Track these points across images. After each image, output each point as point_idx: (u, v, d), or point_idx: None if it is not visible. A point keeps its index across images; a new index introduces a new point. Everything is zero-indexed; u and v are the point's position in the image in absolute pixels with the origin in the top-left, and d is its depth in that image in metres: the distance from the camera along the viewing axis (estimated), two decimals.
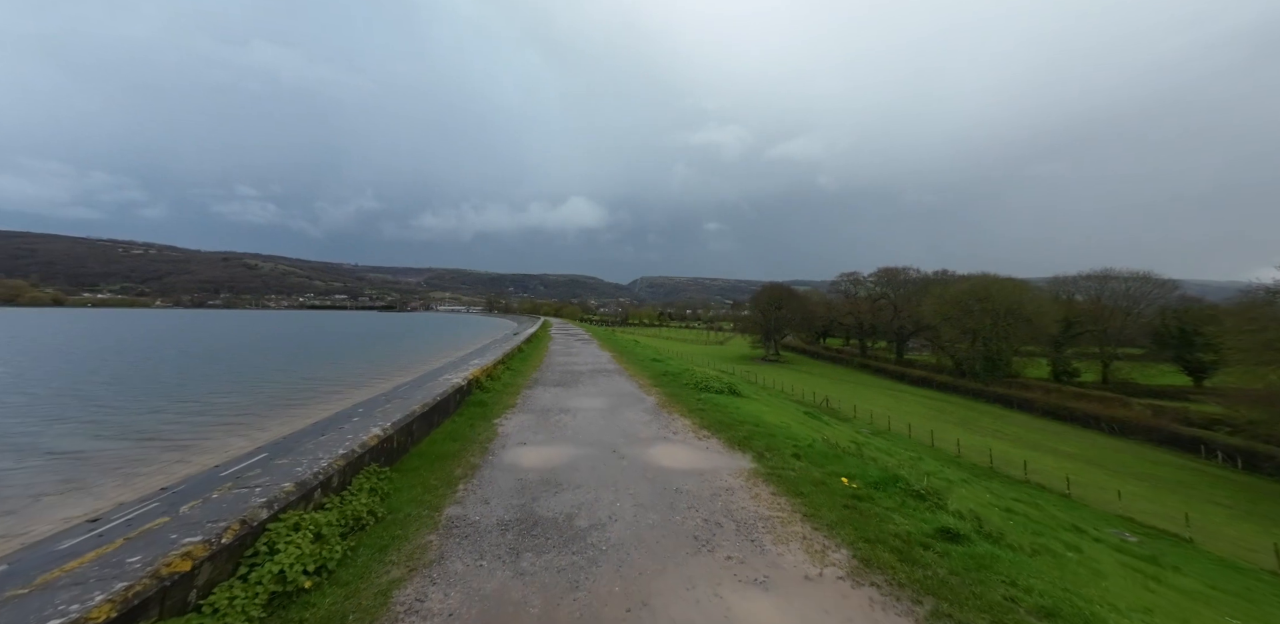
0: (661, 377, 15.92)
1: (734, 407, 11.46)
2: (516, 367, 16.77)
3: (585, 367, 18.16)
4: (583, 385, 13.70)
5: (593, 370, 17.18)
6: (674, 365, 19.53)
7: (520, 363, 18.20)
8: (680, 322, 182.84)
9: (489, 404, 10.78)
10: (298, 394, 22.53)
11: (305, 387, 23.82)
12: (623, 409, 10.74)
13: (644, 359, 22.16)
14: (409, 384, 23.67)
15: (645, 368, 18.60)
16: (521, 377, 14.82)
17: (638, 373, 17.00)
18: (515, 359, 18.79)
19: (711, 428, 8.98)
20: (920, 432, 28.28)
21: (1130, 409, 35.07)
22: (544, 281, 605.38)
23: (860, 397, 41.65)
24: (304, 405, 19.89)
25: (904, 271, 75.60)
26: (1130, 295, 48.85)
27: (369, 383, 25.46)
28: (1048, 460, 25.20)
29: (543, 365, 18.02)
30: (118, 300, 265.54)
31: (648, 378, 15.66)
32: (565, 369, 17.25)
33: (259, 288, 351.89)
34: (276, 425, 16.17)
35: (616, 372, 17.28)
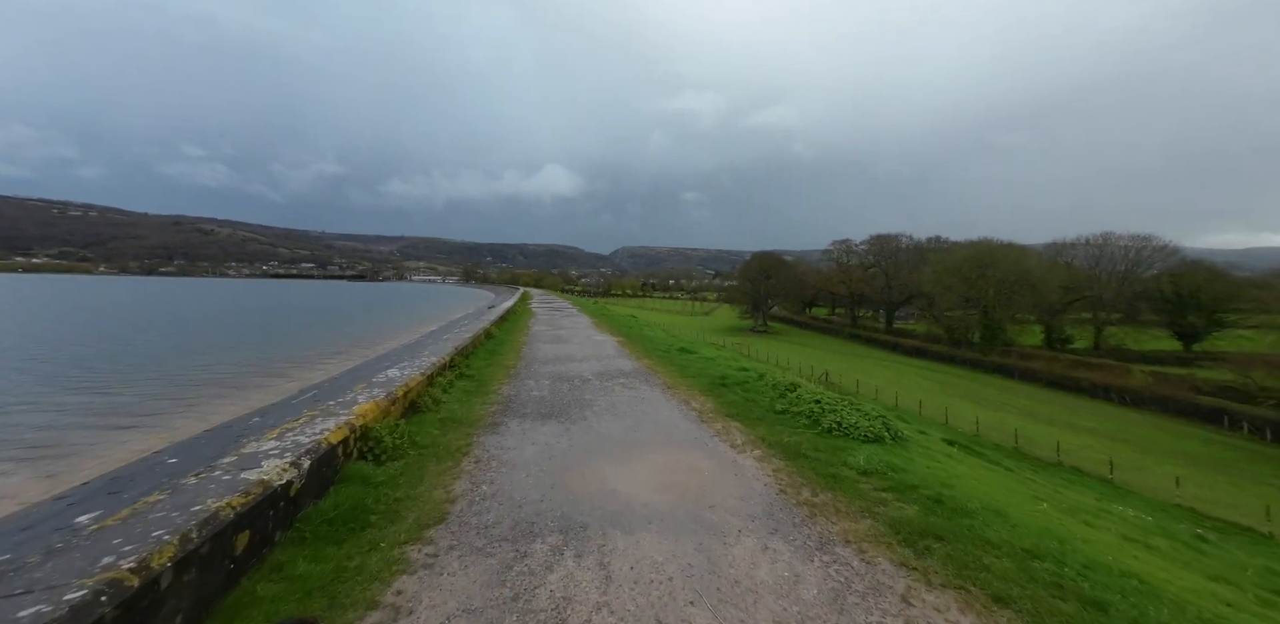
0: (720, 388, 8.77)
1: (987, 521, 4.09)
2: (478, 366, 10.13)
3: (585, 363, 11.14)
4: (594, 416, 6.71)
5: (599, 373, 10.04)
6: (725, 363, 11.56)
7: (484, 360, 11.10)
8: (663, 292, 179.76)
9: (373, 509, 3.74)
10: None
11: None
12: (728, 538, 3.55)
13: (663, 346, 14.78)
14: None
15: (679, 365, 11.24)
16: (481, 392, 7.98)
17: (675, 378, 9.76)
18: (479, 353, 11.96)
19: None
20: (930, 408, 26.14)
21: (1132, 377, 33.95)
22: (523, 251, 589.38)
23: (858, 369, 39.62)
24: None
25: (896, 239, 73.12)
26: (1130, 259, 47.40)
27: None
28: (1068, 437, 23.40)
29: (520, 364, 10.82)
30: (55, 265, 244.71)
31: (702, 392, 8.52)
32: (555, 370, 10.17)
33: (217, 255, 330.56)
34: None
35: (636, 373, 10.16)
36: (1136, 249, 47.50)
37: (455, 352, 9.69)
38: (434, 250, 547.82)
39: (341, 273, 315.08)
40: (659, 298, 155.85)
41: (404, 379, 6.53)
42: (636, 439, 5.75)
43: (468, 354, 11.06)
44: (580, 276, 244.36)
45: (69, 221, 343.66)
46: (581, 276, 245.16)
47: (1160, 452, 21.26)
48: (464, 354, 10.61)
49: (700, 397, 8.15)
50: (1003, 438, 22.18)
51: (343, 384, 14.08)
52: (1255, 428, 22.91)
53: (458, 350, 9.94)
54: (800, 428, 6.31)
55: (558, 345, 14.30)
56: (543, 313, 29.23)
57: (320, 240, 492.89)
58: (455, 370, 8.93)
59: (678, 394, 8.26)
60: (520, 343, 14.58)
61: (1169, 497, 15.66)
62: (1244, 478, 17.98)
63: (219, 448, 7.96)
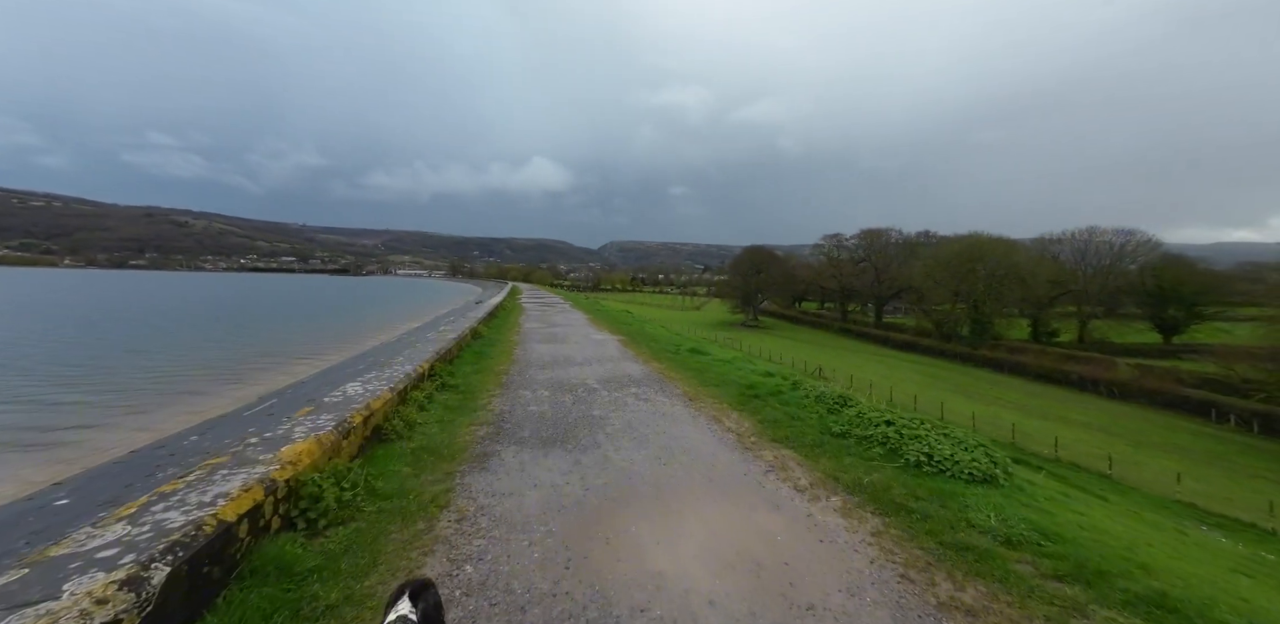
0: (751, 399, 7.40)
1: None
2: (464, 373, 8.60)
3: (588, 368, 9.63)
4: (608, 441, 5.39)
5: (606, 379, 8.56)
6: (744, 366, 10.34)
7: (472, 364, 9.58)
8: (654, 287, 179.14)
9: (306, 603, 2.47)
10: None
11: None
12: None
13: (671, 346, 13.47)
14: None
15: (695, 369, 9.78)
16: (468, 408, 6.56)
17: (694, 386, 8.34)
18: (465, 355, 10.40)
19: None
20: (925, 403, 25.93)
21: (1119, 370, 34.33)
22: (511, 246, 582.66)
23: (850, 364, 39.47)
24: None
25: (886, 233, 73.30)
26: (1114, 253, 48.03)
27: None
28: (1061, 431, 23.37)
29: (513, 370, 9.31)
30: (16, 258, 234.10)
31: (733, 405, 7.21)
32: (555, 377, 8.69)
33: (192, 247, 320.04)
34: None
35: (648, 379, 8.72)
36: (1120, 243, 48.11)
37: (436, 356, 8.22)
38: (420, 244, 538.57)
39: (324, 267, 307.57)
40: (649, 292, 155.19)
41: (366, 398, 5.04)
42: (670, 477, 4.39)
43: (452, 359, 9.59)
44: (569, 271, 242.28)
45: (31, 212, 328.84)
46: (570, 271, 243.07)
47: (1153, 445, 21.30)
48: (447, 359, 9.18)
49: (732, 412, 6.78)
50: (999, 433, 21.99)
51: (285, 405, 11.33)
52: (1243, 420, 23.14)
53: (439, 355, 8.47)
54: (876, 460, 4.88)
55: (554, 346, 12.79)
56: (534, 309, 27.52)
57: (301, 233, 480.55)
58: (436, 380, 7.58)
59: (703, 408, 6.93)
60: (512, 343, 13.08)
61: (1168, 492, 15.53)
62: (1237, 471, 18.02)
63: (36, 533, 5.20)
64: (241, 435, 3.83)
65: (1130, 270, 47.38)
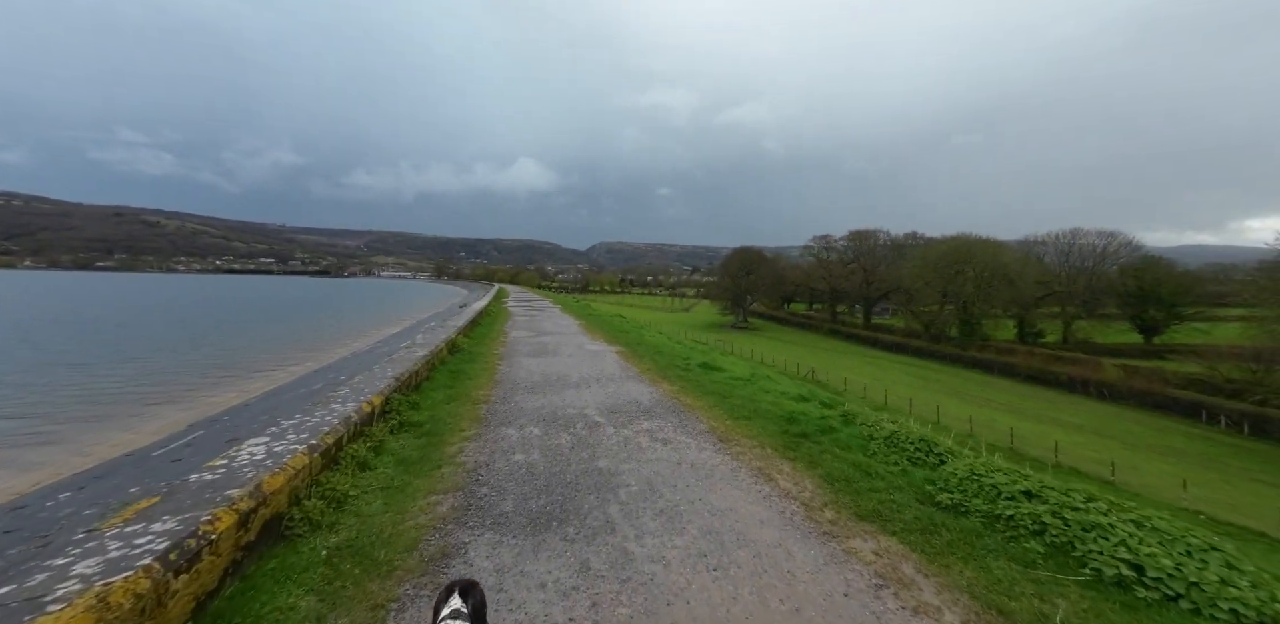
0: (799, 440, 5.65)
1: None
2: (432, 403, 6.90)
3: (586, 391, 7.84)
4: (626, 521, 3.62)
5: (610, 408, 6.88)
6: (772, 387, 8.75)
7: (444, 389, 7.77)
8: (642, 288, 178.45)
9: None
10: None
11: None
12: None
13: (678, 359, 11.33)
14: None
15: (715, 393, 7.98)
16: (428, 462, 4.78)
17: (720, 418, 6.52)
18: (438, 376, 8.69)
19: None
20: (920, 406, 25.54)
21: (1105, 371, 34.59)
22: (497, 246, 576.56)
23: (841, 365, 39.15)
24: None
25: (874, 234, 73.74)
26: (1098, 254, 48.77)
27: None
28: (1057, 434, 23.16)
29: (494, 395, 7.55)
30: None
31: (780, 451, 5.34)
32: (546, 405, 6.94)
33: (164, 248, 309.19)
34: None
35: (661, 407, 6.97)
36: (1103, 245, 48.88)
37: (396, 384, 6.48)
38: (404, 245, 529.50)
39: (304, 268, 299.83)
40: (638, 294, 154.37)
41: (261, 474, 3.20)
42: (732, 603, 2.65)
43: (419, 383, 7.76)
44: (557, 272, 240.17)
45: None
46: (559, 272, 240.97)
47: (1148, 448, 21.16)
48: (412, 385, 7.28)
49: (781, 462, 5.01)
50: (996, 437, 21.65)
51: (124, 482, 6.29)
52: (1233, 421, 23.23)
53: (400, 382, 6.71)
54: (1039, 565, 3.06)
55: (544, 360, 10.98)
56: (521, 314, 25.25)
57: (280, 234, 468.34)
58: (392, 418, 5.83)
59: (742, 455, 5.19)
60: (495, 357, 11.27)
61: (1173, 498, 15.19)
62: (1234, 474, 17.86)
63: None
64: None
65: (1111, 271, 48.17)
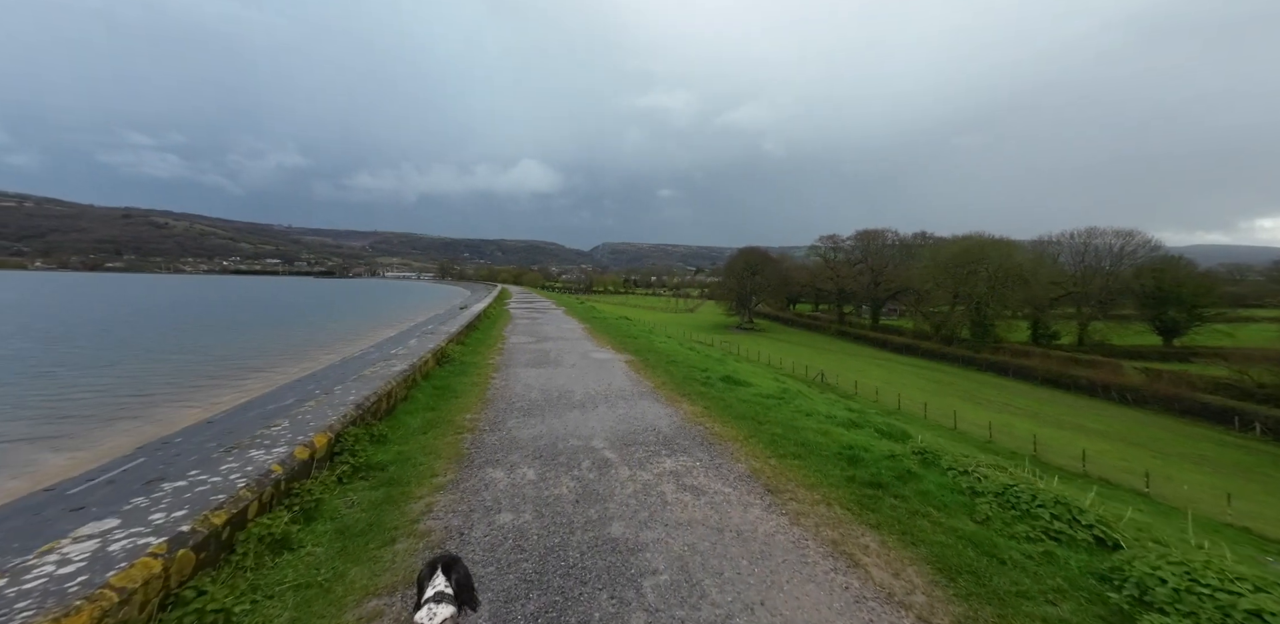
0: (873, 491, 4.34)
1: None
2: (405, 432, 5.52)
3: (593, 414, 6.59)
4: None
5: (621, 437, 5.60)
6: (812, 407, 7.58)
7: (424, 411, 6.43)
8: (646, 289, 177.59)
9: None
10: None
11: None
12: None
13: (695, 371, 10.03)
14: None
15: (747, 417, 6.66)
16: (381, 530, 3.43)
17: (762, 456, 5.17)
18: (418, 396, 7.24)
19: None
20: (935, 411, 24.61)
21: (1126, 374, 33.42)
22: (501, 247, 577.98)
23: (851, 368, 38.18)
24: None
25: (882, 234, 72.60)
26: (1115, 253, 47.48)
27: None
28: (1081, 441, 22.15)
29: (484, 419, 6.22)
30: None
31: (850, 508, 4.03)
32: (545, 434, 5.65)
33: (172, 249, 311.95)
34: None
35: (684, 437, 5.70)
36: (1120, 245, 47.61)
37: (353, 415, 4.96)
38: (408, 246, 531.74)
39: (309, 269, 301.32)
40: (642, 294, 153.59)
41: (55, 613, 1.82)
42: None
43: (394, 405, 6.29)
44: (561, 273, 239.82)
45: (1, 212, 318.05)
46: (562, 273, 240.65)
47: (1178, 456, 20.13)
48: (380, 411, 5.75)
49: (864, 533, 3.60)
50: (1016, 443, 20.70)
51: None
52: (1268, 429, 22.10)
53: (361, 409, 5.22)
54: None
55: (545, 371, 9.64)
56: (522, 316, 23.77)
57: (286, 235, 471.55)
58: (343, 461, 4.34)
59: (806, 519, 3.78)
60: (490, 368, 9.95)
61: (1214, 512, 14.22)
62: (1276, 486, 16.83)
63: None
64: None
65: (1129, 272, 46.87)
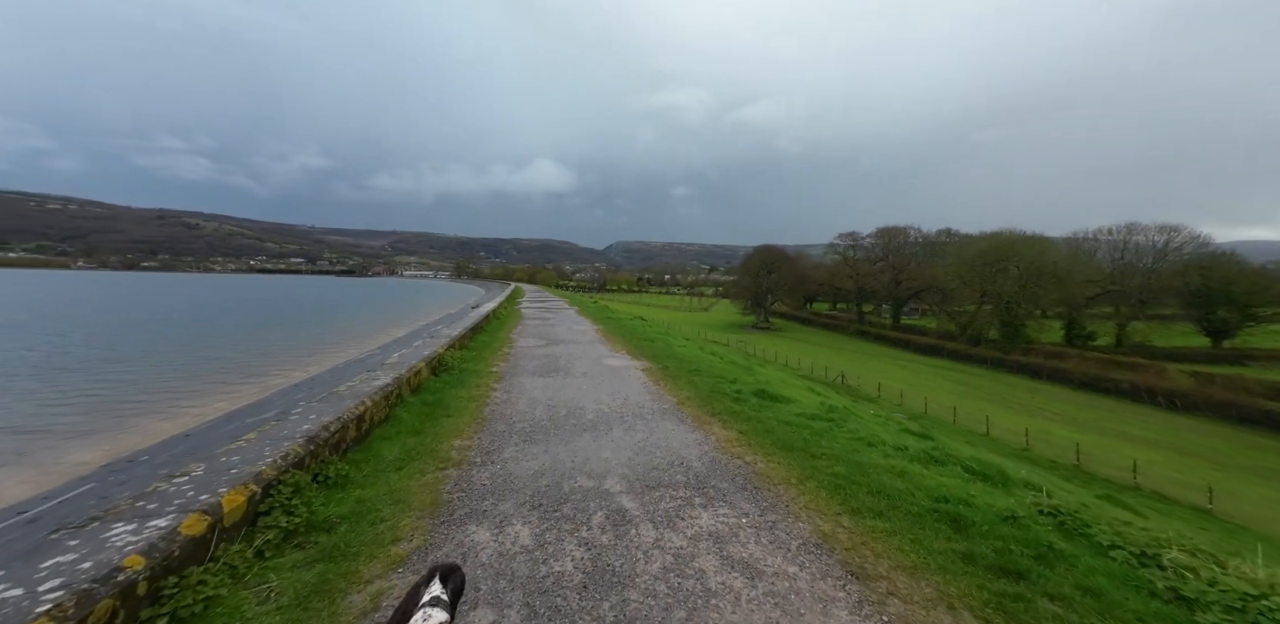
0: (997, 576, 2.70)
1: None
2: (379, 464, 4.15)
3: (606, 439, 5.15)
4: None
5: (640, 478, 4.04)
6: (871, 431, 6.15)
7: (408, 433, 5.06)
8: (660, 287, 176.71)
9: None
10: None
11: None
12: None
13: (724, 383, 8.33)
14: None
15: (794, 446, 4.96)
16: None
17: (827, 510, 3.51)
18: (401, 418, 5.58)
19: None
20: (965, 415, 23.21)
21: (1171, 377, 31.28)
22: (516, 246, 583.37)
23: (872, 369, 36.73)
24: None
25: (904, 231, 70.27)
26: (1158, 250, 44.71)
27: None
28: (1126, 448, 20.56)
29: (475, 445, 4.79)
30: (29, 260, 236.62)
31: (971, 596, 2.49)
32: (546, 470, 4.17)
33: (202, 249, 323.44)
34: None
35: (719, 475, 4.12)
36: (1163, 241, 44.83)
37: (297, 455, 3.49)
38: (426, 245, 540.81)
39: (331, 268, 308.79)
40: (655, 293, 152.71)
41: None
42: None
43: (365, 431, 4.76)
44: (575, 272, 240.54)
45: (47, 215, 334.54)
46: (576, 272, 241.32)
47: (1241, 469, 18.46)
48: (343, 443, 4.28)
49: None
50: (1055, 452, 19.28)
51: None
52: None
53: (317, 443, 3.82)
54: None
55: (553, 381, 8.24)
56: (534, 316, 22.51)
57: (309, 235, 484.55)
58: (273, 522, 2.89)
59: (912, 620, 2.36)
60: (493, 376, 8.51)
61: None
62: None
63: None
64: None
65: (1173, 269, 44.08)
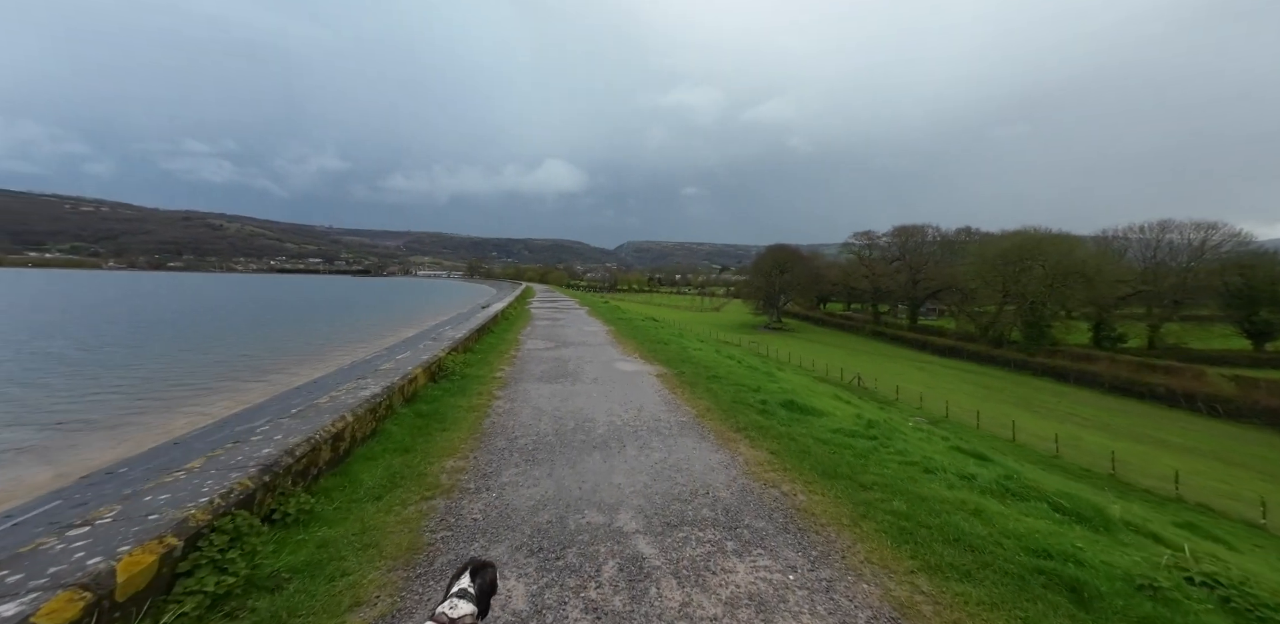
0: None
1: None
2: (354, 492, 3.55)
3: (620, 468, 4.27)
4: None
5: (661, 510, 3.47)
6: (904, 448, 5.34)
7: (384, 462, 4.17)
8: (671, 287, 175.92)
9: None
10: None
11: None
12: None
13: (746, 392, 7.49)
14: None
15: (844, 477, 4.13)
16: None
17: (914, 581, 2.62)
18: (391, 433, 4.87)
19: None
20: (989, 420, 22.18)
21: (1211, 382, 29.63)
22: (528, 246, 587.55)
23: (889, 371, 35.66)
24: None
25: (922, 230, 68.51)
26: (1194, 248, 42.60)
27: None
28: (1164, 457, 19.40)
29: (454, 495, 3.61)
30: (63, 260, 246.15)
31: None
32: (546, 502, 3.57)
33: (225, 250, 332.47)
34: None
35: (761, 516, 3.39)
36: (1200, 238, 42.70)
37: (244, 488, 2.77)
38: (439, 245, 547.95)
39: (348, 268, 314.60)
40: (666, 293, 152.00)
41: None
42: None
43: (344, 451, 4.18)
44: (586, 271, 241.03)
45: (81, 217, 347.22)
46: (587, 271, 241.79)
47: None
48: (315, 465, 3.65)
49: None
50: (1088, 459, 18.22)
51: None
52: None
53: (275, 473, 3.08)
54: None
55: (561, 387, 7.57)
56: (543, 317, 21.70)
57: (327, 235, 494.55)
58: (197, 585, 2.21)
59: None
60: (495, 383, 7.69)
61: None
62: None
63: None
64: None
65: (1210, 268, 41.95)
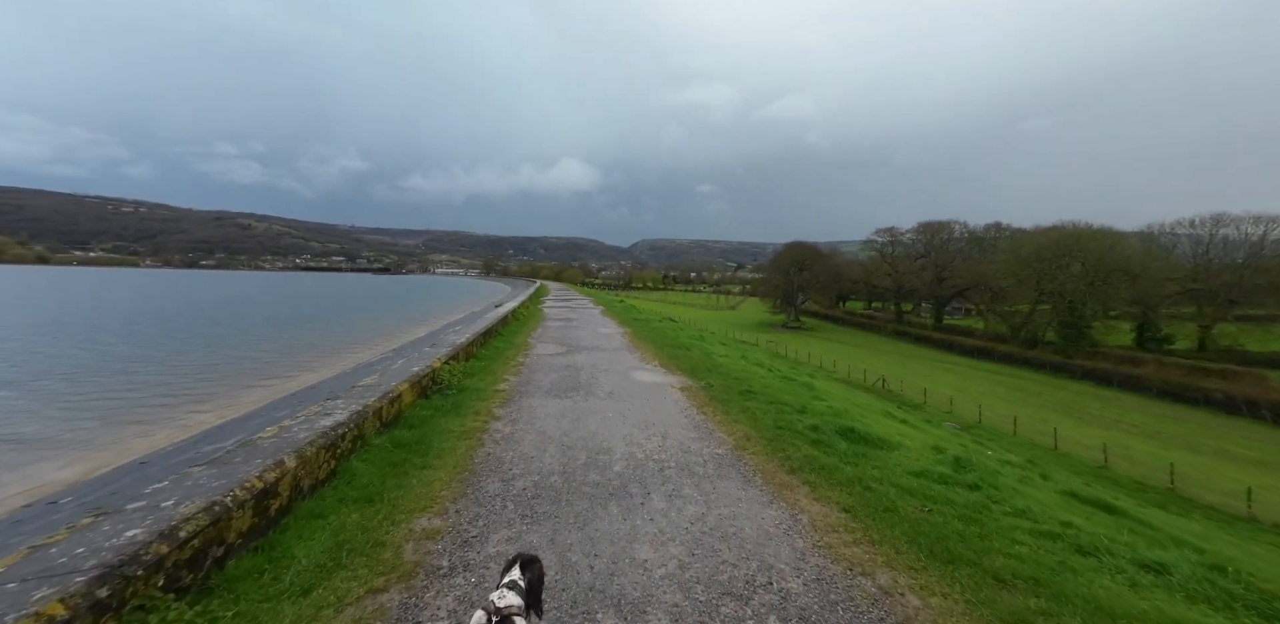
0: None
1: None
2: (245, 616, 2.14)
3: (646, 535, 3.20)
4: None
5: (708, 603, 2.47)
6: (1014, 503, 4.13)
7: (331, 526, 3.04)
8: (685, 285, 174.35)
9: None
10: None
11: None
12: None
13: (795, 417, 6.17)
14: None
15: (964, 564, 2.89)
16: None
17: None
18: (357, 470, 3.90)
19: None
20: (1028, 425, 20.69)
21: (1270, 386, 27.28)
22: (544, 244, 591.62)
23: (914, 373, 34.03)
24: None
25: (948, 226, 65.79)
26: (1252, 243, 39.58)
27: None
28: (1233, 472, 17.68)
29: (421, 572, 2.66)
30: (106, 259, 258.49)
31: None
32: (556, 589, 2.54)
33: (254, 249, 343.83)
34: None
35: (847, 618, 2.33)
36: (1259, 233, 39.63)
37: (121, 582, 1.86)
38: (457, 243, 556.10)
39: (369, 266, 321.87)
40: (681, 291, 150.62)
41: None
42: None
43: (279, 509, 3.06)
44: (600, 269, 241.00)
45: (122, 217, 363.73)
46: (602, 269, 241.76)
47: None
48: (212, 544, 2.44)
49: None
50: (1141, 471, 16.69)
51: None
52: None
53: (157, 556, 2.08)
54: None
55: (571, 405, 6.60)
56: (556, 317, 20.59)
57: (349, 234, 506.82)
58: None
59: None
60: (495, 399, 6.76)
61: None
62: None
63: None
64: None
65: (1271, 264, 38.93)
